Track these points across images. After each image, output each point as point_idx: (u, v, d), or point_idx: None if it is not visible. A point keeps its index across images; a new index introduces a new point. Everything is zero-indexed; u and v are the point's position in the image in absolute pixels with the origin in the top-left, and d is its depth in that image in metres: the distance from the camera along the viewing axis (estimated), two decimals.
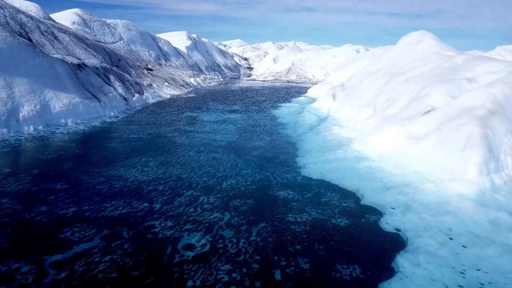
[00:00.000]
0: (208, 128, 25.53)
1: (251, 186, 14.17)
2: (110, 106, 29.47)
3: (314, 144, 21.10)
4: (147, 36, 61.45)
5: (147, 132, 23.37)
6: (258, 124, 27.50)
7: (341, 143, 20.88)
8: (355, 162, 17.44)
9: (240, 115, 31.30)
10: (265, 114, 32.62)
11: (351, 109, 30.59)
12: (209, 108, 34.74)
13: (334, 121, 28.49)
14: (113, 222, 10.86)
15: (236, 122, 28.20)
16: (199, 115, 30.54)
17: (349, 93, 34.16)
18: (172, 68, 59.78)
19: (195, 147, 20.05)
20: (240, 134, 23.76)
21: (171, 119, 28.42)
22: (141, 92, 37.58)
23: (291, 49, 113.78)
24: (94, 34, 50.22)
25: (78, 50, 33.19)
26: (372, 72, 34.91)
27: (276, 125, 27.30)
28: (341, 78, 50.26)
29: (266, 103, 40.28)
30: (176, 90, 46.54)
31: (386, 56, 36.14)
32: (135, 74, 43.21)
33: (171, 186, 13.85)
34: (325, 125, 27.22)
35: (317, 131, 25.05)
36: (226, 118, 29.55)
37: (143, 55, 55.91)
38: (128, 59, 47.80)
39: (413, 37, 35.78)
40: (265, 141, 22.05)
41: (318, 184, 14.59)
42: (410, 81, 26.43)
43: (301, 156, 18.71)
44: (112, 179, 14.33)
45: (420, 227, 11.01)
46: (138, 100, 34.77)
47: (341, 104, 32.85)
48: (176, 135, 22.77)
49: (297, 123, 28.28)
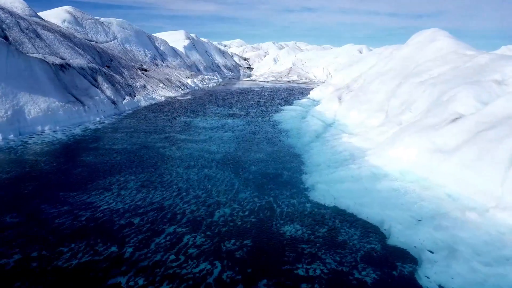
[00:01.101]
0: (203, 136, 22.65)
1: (249, 217, 11.30)
2: (96, 110, 26.57)
3: (322, 157, 18.23)
4: (143, 35, 58.50)
5: (133, 141, 20.50)
6: (258, 131, 24.62)
7: (354, 155, 18.01)
8: (373, 181, 14.58)
9: (238, 120, 28.43)
10: (266, 118, 29.74)
11: (359, 113, 27.73)
12: (206, 112, 31.85)
13: (342, 127, 25.62)
14: (65, 278, 8.00)
15: (234, 128, 25.32)
16: (194, 120, 27.67)
17: (357, 95, 31.29)
18: (169, 68, 56.86)
19: (186, 161, 17.17)
20: (238, 144, 20.89)
21: (163, 125, 25.54)
22: (133, 94, 34.68)
23: (291, 49, 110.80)
24: (86, 33, 47.28)
25: (63, 50, 30.27)
26: (381, 73, 32.02)
27: (278, 132, 24.43)
28: (345, 79, 47.38)
29: (267, 105, 37.40)
30: (172, 92, 43.63)
31: (396, 55, 33.22)
32: (128, 75, 40.31)
33: (150, 219, 10.98)
34: (332, 132, 24.35)
35: (324, 139, 22.18)
36: (223, 124, 26.68)
37: (138, 55, 52.99)
38: (122, 59, 44.89)
39: (425, 35, 32.88)
40: (266, 152, 19.19)
41: (332, 214, 11.73)
42: (427, 83, 23.54)
43: (308, 172, 15.84)
44: (78, 208, 11.46)
45: (475, 285, 8.17)
46: (128, 103, 31.87)
47: (348, 108, 29.98)
48: (166, 145, 19.89)
49: (301, 130, 25.40)
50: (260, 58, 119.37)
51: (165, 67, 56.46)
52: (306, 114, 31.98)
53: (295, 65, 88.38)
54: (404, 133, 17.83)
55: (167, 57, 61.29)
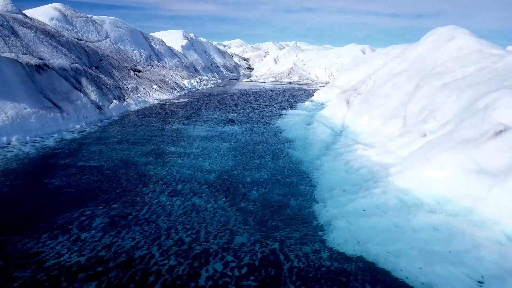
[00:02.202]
0: (195, 147, 19.44)
1: (248, 280, 8.10)
2: (77, 116, 23.35)
3: (336, 177, 15.03)
4: (137, 35, 55.18)
5: (113, 156, 17.29)
6: (259, 141, 21.43)
7: (374, 174, 14.82)
8: (404, 213, 11.38)
9: (237, 127, 25.22)
10: (267, 125, 26.53)
11: (372, 119, 24.53)
12: (201, 117, 28.63)
13: (354, 136, 22.42)
14: None
15: (232, 137, 22.11)
16: (187, 128, 24.44)
17: (367, 99, 28.08)
18: (165, 69, 53.58)
19: (172, 183, 13.97)
20: (236, 158, 17.70)
21: (151, 133, 22.32)
22: (122, 97, 31.44)
23: (292, 49, 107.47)
24: (76, 31, 44.00)
25: (44, 49, 27.03)
26: (394, 74, 28.78)
27: (281, 143, 21.22)
28: (351, 80, 44.15)
29: (268, 109, 34.17)
30: (166, 94, 40.38)
31: (409, 55, 29.96)
32: (119, 76, 37.06)
33: (111, 284, 7.78)
34: (343, 142, 21.14)
35: (335, 152, 18.98)
36: (220, 132, 23.47)
37: (132, 55, 49.70)
38: (113, 59, 41.63)
39: (441, 33, 29.64)
40: (269, 170, 15.99)
41: (358, 271, 8.54)
42: (452, 86, 20.32)
43: (321, 200, 12.65)
44: (14, 266, 8.26)
45: None
46: (116, 108, 28.63)
47: (359, 113, 26.77)
48: (151, 161, 16.69)
49: (308, 139, 22.20)
50: (260, 58, 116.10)
51: (161, 67, 53.19)
52: (312, 120, 28.78)
53: (296, 65, 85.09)
54: (435, 148, 14.61)
55: (164, 57, 57.99)
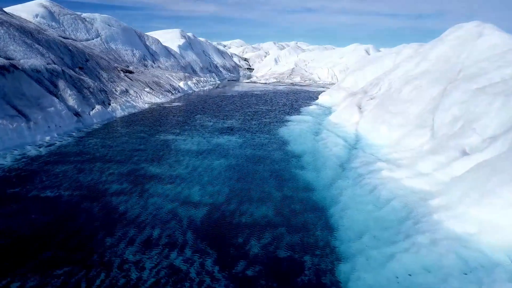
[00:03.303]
0: (184, 167, 15.73)
1: None
2: (47, 126, 19.65)
3: (361, 214, 11.29)
4: (131, 33, 51.43)
5: (78, 181, 13.58)
6: (261, 157, 17.74)
7: (412, 209, 11.10)
8: (471, 283, 7.70)
9: (235, 138, 21.51)
10: (270, 134, 22.82)
11: (392, 129, 20.83)
12: (195, 125, 24.91)
13: (373, 150, 18.70)
14: None
15: (228, 152, 18.41)
16: (177, 139, 20.74)
17: (383, 104, 24.35)
18: (160, 69, 49.85)
19: (146, 228, 10.26)
20: (233, 184, 13.99)
21: (133, 147, 18.62)
22: (107, 102, 27.72)
23: (293, 49, 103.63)
24: (63, 29, 40.26)
25: (15, 47, 23.32)
26: (413, 76, 25.04)
27: (287, 159, 17.52)
28: (358, 82, 40.43)
29: (270, 115, 30.45)
30: (159, 97, 36.65)
31: (430, 55, 26.20)
32: (107, 78, 33.35)
33: None
34: (361, 157, 17.41)
35: (354, 173, 15.25)
36: (215, 145, 19.76)
37: (125, 55, 45.97)
38: (103, 59, 37.90)
39: (466, 29, 25.92)
40: (273, 203, 12.28)
41: None
42: (490, 91, 16.62)
43: (347, 259, 8.93)
44: None
45: None
46: (99, 114, 24.91)
47: (374, 121, 23.05)
48: (125, 190, 12.98)
49: (318, 154, 18.48)
50: (261, 58, 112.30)
51: (156, 68, 49.45)
52: (320, 128, 25.06)
53: (298, 65, 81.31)
54: (497, 174, 10.88)
55: (159, 57, 54.25)
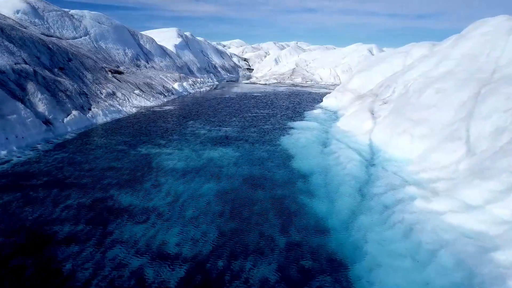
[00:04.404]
0: (162, 197, 12.23)
1: None
2: (5, 138, 16.14)
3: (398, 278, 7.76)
4: (124, 32, 47.92)
5: (19, 219, 10.08)
6: (260, 179, 14.25)
7: (473, 271, 7.60)
8: None
9: (230, 151, 18.04)
10: (271, 146, 19.36)
11: (414, 140, 17.35)
12: (184, 134, 21.43)
13: (395, 167, 15.20)
14: None
15: (221, 171, 14.94)
16: (161, 153, 17.26)
17: (400, 109, 20.87)
18: (154, 70, 46.36)
19: None
20: (223, 223, 10.50)
21: (106, 165, 15.12)
22: (87, 106, 24.23)
23: (293, 49, 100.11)
24: (48, 26, 36.74)
25: None
26: (433, 78, 21.53)
27: (292, 182, 14.01)
28: (365, 83, 36.93)
29: (271, 120, 26.97)
30: (150, 100, 33.15)
31: (453, 54, 22.67)
32: (91, 80, 29.86)
33: None
34: (384, 179, 13.89)
35: (378, 203, 11.76)
36: (205, 161, 16.28)
37: (116, 54, 42.47)
38: (89, 59, 34.39)
39: (494, 24, 22.43)
40: (275, 256, 8.78)
41: None
42: None
43: None
44: None
45: None
46: (75, 121, 21.42)
47: (391, 129, 19.56)
48: (78, 235, 9.49)
49: (330, 174, 14.98)
50: (261, 58, 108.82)
51: (149, 68, 45.95)
52: (328, 137, 21.59)
53: (299, 66, 77.80)
54: None
55: (154, 57, 50.75)
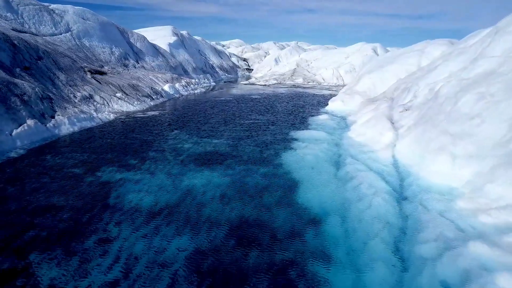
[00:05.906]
0: (106, 267, 7.90)
1: None
2: None
3: None
4: (111, 29, 43.55)
5: None
6: (254, 226, 9.89)
7: None
8: None
9: (218, 176, 13.69)
10: (270, 168, 14.99)
11: (456, 161, 12.91)
12: (163, 150, 17.08)
13: (439, 205, 10.76)
14: None
15: (201, 214, 10.57)
16: (125, 181, 12.92)
17: (430, 119, 16.43)
18: (144, 70, 42.01)
19: None
20: None
21: (44, 202, 10.78)
22: (50, 114, 19.88)
23: (294, 49, 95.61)
24: (22, 21, 32.38)
25: None
26: (473, 79, 17.12)
27: (298, 232, 9.61)
28: (376, 85, 32.60)
29: (271, 129, 22.63)
30: (134, 104, 28.81)
31: (493, 51, 18.19)
32: (65, 81, 25.52)
33: None
34: (431, 228, 9.45)
35: (432, 279, 7.46)
36: (182, 194, 11.92)
37: (101, 53, 38.10)
38: (66, 57, 30.05)
39: None
40: None
41: None
42: None
43: None
44: None
45: None
46: (27, 134, 17.08)
47: (422, 145, 15.16)
48: None
49: (350, 217, 10.59)
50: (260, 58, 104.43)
51: (139, 68, 41.59)
52: (341, 153, 17.22)
53: (300, 66, 73.41)
54: None
55: (145, 56, 46.39)
